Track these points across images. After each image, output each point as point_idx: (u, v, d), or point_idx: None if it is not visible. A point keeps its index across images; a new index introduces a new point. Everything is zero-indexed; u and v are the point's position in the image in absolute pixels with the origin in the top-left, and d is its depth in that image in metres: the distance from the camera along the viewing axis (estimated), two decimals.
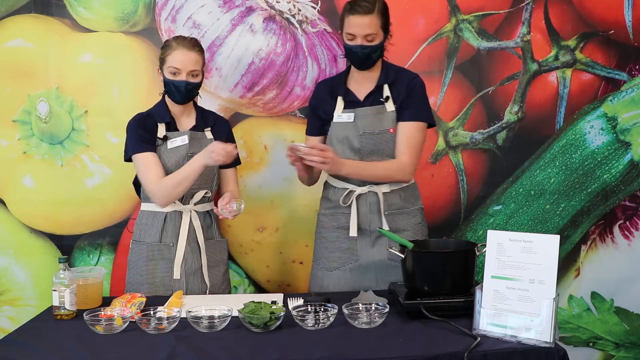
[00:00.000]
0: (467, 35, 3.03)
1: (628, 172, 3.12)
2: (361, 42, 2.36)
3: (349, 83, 2.52)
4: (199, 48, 2.48)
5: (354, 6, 2.36)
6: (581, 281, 3.16)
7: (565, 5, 3.05)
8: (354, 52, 2.39)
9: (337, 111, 2.49)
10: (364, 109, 2.46)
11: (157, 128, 2.49)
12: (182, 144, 2.48)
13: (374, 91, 2.47)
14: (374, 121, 2.45)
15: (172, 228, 2.49)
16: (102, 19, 2.96)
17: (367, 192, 2.46)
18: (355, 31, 2.36)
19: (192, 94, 2.49)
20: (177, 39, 2.48)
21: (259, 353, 1.80)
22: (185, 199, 2.50)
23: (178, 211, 2.49)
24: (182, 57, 2.43)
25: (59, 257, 2.24)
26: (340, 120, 2.47)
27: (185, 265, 2.49)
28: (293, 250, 3.09)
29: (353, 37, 2.37)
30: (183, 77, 2.43)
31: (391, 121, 2.45)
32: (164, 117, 2.50)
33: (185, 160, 2.45)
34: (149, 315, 2.05)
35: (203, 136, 2.54)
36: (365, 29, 2.35)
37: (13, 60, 2.96)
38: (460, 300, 2.03)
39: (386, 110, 2.46)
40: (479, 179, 3.10)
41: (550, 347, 1.78)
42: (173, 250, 2.48)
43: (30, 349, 1.89)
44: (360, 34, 2.35)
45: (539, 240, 1.86)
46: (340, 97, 2.49)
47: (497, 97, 3.08)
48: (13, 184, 3.01)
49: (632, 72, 3.10)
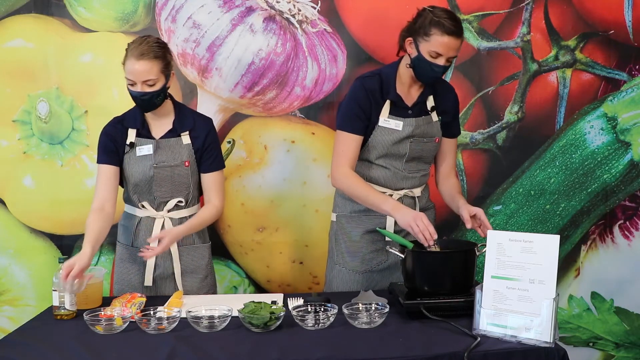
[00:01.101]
0: (467, 35, 3.03)
1: (628, 172, 3.12)
2: (444, 62, 2.30)
3: (396, 86, 2.43)
4: (153, 54, 2.28)
5: (448, 26, 2.25)
6: (581, 281, 3.16)
7: (565, 5, 3.05)
8: (433, 71, 2.31)
9: (383, 115, 2.41)
10: (418, 119, 2.43)
11: (129, 134, 2.42)
12: (147, 153, 2.39)
13: (420, 100, 2.44)
14: (424, 130, 2.44)
15: (145, 233, 2.44)
16: (102, 19, 2.96)
17: (403, 196, 2.46)
18: (444, 51, 2.27)
19: (151, 102, 2.34)
20: (133, 44, 2.31)
21: (259, 353, 1.80)
22: (159, 206, 2.44)
23: (151, 217, 2.45)
24: (132, 68, 2.28)
25: (59, 257, 2.25)
26: (387, 126, 2.41)
27: (156, 272, 2.45)
28: (293, 250, 3.09)
29: (438, 56, 2.29)
30: (138, 87, 2.29)
31: (437, 131, 2.47)
32: (135, 123, 2.42)
33: (151, 170, 2.39)
34: (149, 315, 2.05)
35: (177, 142, 2.43)
36: (454, 52, 2.30)
37: (13, 60, 2.96)
38: (460, 300, 2.03)
39: (433, 121, 2.47)
40: (479, 179, 3.10)
41: (550, 347, 1.78)
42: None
43: (30, 349, 1.89)
44: (447, 55, 2.29)
45: (539, 240, 1.87)
46: (390, 100, 2.41)
47: (497, 97, 3.08)
48: (13, 184, 3.01)
49: (632, 72, 3.10)
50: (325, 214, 3.00)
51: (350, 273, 2.50)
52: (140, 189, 2.42)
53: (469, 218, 2.29)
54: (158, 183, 2.40)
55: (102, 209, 2.34)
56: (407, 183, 2.47)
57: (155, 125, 2.45)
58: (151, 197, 2.43)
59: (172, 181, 2.41)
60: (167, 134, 2.43)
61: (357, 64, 2.98)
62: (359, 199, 2.40)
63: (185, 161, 2.43)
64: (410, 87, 2.45)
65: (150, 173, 2.39)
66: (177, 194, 2.44)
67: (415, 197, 2.47)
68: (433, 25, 2.27)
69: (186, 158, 2.43)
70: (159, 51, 2.32)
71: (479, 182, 3.10)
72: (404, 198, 2.46)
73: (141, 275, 2.45)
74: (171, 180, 2.41)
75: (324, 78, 2.98)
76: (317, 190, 3.01)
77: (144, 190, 2.42)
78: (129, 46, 2.32)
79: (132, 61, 2.27)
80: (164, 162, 2.40)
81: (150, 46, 2.30)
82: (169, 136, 2.43)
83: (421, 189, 2.51)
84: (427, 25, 2.28)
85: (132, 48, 2.29)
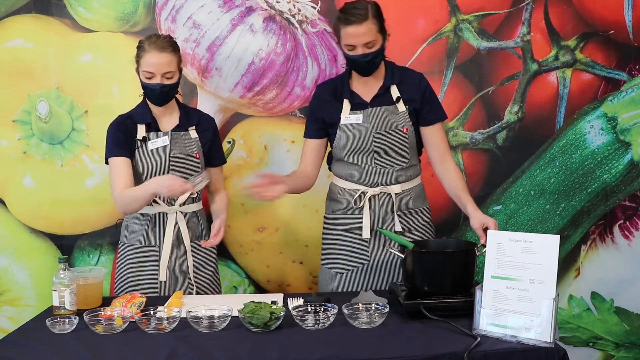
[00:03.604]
0: (467, 35, 3.03)
1: (628, 172, 3.12)
2: (362, 50, 2.33)
3: (352, 85, 2.49)
4: (172, 48, 2.42)
5: (346, 17, 2.31)
6: (581, 281, 3.16)
7: (565, 5, 3.05)
8: (357, 62, 2.37)
9: (344, 113, 2.46)
10: (375, 109, 2.44)
11: (138, 129, 2.47)
12: (162, 145, 2.45)
13: (381, 92, 2.46)
14: (387, 121, 2.44)
15: (158, 230, 2.48)
16: (102, 19, 2.96)
17: (380, 193, 2.46)
18: (353, 41, 2.32)
19: (169, 95, 2.45)
20: (150, 39, 2.41)
21: (259, 353, 1.80)
22: (171, 200, 2.47)
23: (163, 213, 2.48)
24: (154, 60, 2.37)
25: (59, 257, 2.24)
26: (349, 122, 2.45)
27: (172, 267, 2.48)
28: (293, 250, 3.09)
29: (353, 47, 2.33)
30: (158, 80, 2.39)
31: (404, 121, 2.45)
32: (144, 118, 2.48)
33: (167, 161, 2.44)
34: (149, 315, 2.05)
35: (186, 136, 2.51)
36: (364, 38, 2.31)
37: (13, 60, 2.96)
38: (460, 300, 2.04)
39: (398, 111, 2.45)
40: (479, 179, 3.10)
41: (550, 347, 1.78)
42: (159, 252, 2.47)
43: (30, 349, 1.89)
44: (359, 44, 2.32)
45: (539, 240, 1.87)
46: (347, 99, 2.46)
47: (497, 97, 3.08)
48: (13, 184, 3.01)
49: (632, 72, 3.10)
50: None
51: (333, 273, 2.52)
52: None
53: (482, 234, 2.26)
54: (174, 174, 2.41)
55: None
56: (381, 179, 2.46)
57: (163, 120, 2.52)
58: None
59: (185, 172, 2.44)
60: (175, 128, 2.51)
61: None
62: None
63: (196, 153, 2.51)
64: (366, 82, 2.47)
65: (167, 164, 2.44)
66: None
67: (392, 194, 2.45)
68: (337, 22, 2.36)
69: (196, 151, 2.51)
70: (176, 47, 2.45)
71: (479, 182, 3.10)
72: (380, 195, 2.46)
73: (155, 273, 2.48)
74: (185, 171, 2.45)
75: (324, 78, 2.98)
76: (317, 190, 3.00)
77: None
78: (144, 42, 2.41)
79: (154, 54, 2.37)
80: (179, 152, 2.46)
81: (168, 41, 2.43)
82: (178, 130, 2.51)
83: (400, 187, 2.47)
84: (336, 24, 2.37)
85: (151, 42, 2.39)
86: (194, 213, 2.54)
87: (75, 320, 2.03)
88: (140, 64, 2.41)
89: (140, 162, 2.46)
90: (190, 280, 2.51)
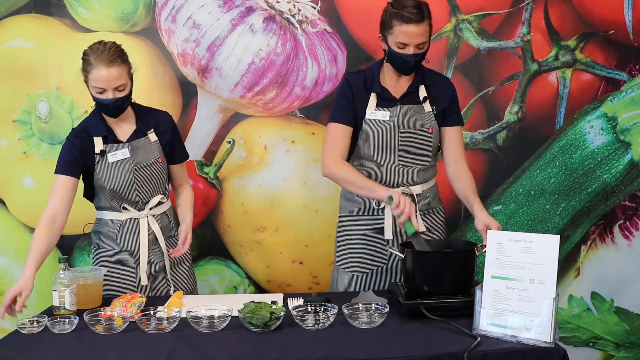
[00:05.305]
0: (467, 35, 3.03)
1: (628, 172, 3.12)
2: (414, 50, 2.30)
3: (382, 80, 2.46)
4: (121, 59, 2.29)
5: (406, 14, 2.27)
6: (581, 281, 3.16)
7: (565, 5, 3.05)
8: (405, 61, 2.34)
9: (370, 108, 2.43)
10: (404, 106, 2.42)
11: (95, 142, 2.39)
12: (123, 158, 2.38)
13: (410, 91, 2.45)
14: (414, 120, 2.43)
15: (130, 234, 2.44)
16: (102, 19, 2.96)
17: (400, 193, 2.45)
18: (408, 40, 2.29)
19: (123, 107, 2.35)
20: (96, 52, 2.28)
21: (259, 353, 1.80)
22: (141, 205, 2.44)
23: (134, 218, 2.44)
24: (104, 76, 2.26)
25: (59, 257, 2.24)
26: (374, 118, 2.42)
27: (149, 269, 2.45)
28: (293, 250, 3.09)
29: (404, 46, 2.31)
30: (110, 94, 2.29)
31: (430, 121, 2.45)
32: (99, 131, 2.39)
33: (131, 174, 2.39)
34: (149, 315, 2.05)
35: (146, 141, 2.44)
36: (420, 38, 2.29)
37: (13, 60, 2.96)
38: (460, 300, 2.03)
39: (424, 111, 2.45)
40: (479, 179, 3.10)
41: (550, 347, 1.78)
42: (133, 257, 2.44)
43: (30, 349, 1.89)
44: (413, 43, 2.29)
45: (539, 240, 1.86)
46: (376, 93, 2.43)
47: (497, 97, 3.08)
48: (13, 184, 3.01)
49: (632, 72, 3.10)
50: (325, 214, 3.01)
51: (349, 274, 2.50)
52: (120, 194, 2.42)
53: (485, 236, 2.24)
54: (139, 184, 2.42)
55: (53, 222, 2.31)
56: (403, 179, 2.45)
57: (119, 129, 2.44)
58: (132, 199, 2.43)
59: (151, 180, 2.43)
60: (133, 135, 2.44)
61: (357, 64, 2.97)
62: (350, 184, 2.39)
63: (158, 158, 2.46)
64: (398, 79, 2.45)
65: (130, 176, 2.39)
66: (157, 192, 2.47)
67: (414, 195, 2.45)
68: (393, 18, 2.31)
69: (158, 155, 2.46)
70: (124, 55, 2.33)
71: (479, 182, 3.09)
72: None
73: (134, 275, 2.45)
74: (150, 179, 2.44)
75: (324, 78, 2.99)
76: (317, 190, 3.01)
77: (125, 194, 2.42)
78: (90, 55, 2.29)
79: (102, 69, 2.26)
80: (141, 163, 2.42)
81: (115, 51, 2.30)
82: (137, 137, 2.44)
83: (421, 187, 2.48)
84: (389, 18, 2.33)
85: (97, 56, 2.27)
86: (163, 212, 2.51)
87: (75, 320, 2.03)
88: (89, 79, 2.30)
89: (103, 176, 2.40)
90: (167, 279, 2.49)
